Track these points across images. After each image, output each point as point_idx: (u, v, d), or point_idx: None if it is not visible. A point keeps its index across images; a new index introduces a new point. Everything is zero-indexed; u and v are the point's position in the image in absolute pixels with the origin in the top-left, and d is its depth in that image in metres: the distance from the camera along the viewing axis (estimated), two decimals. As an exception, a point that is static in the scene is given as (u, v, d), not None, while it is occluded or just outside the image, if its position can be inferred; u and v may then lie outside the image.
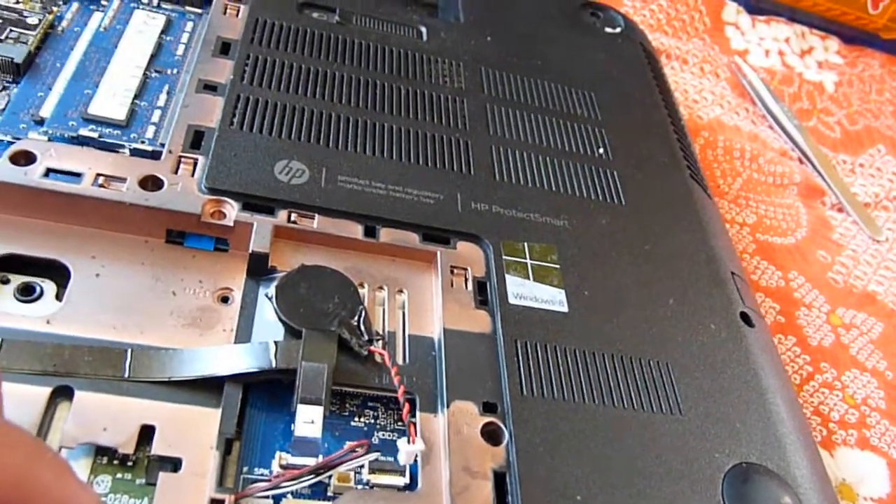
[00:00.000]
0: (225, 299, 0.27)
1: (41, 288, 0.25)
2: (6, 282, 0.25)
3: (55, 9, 0.34)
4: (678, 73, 0.52)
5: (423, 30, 0.39)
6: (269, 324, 0.26)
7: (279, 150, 0.30)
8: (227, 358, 0.24)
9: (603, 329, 0.29)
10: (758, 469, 0.27)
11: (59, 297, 0.26)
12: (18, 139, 0.28)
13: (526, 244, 0.30)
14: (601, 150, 0.36)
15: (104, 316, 0.25)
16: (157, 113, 0.31)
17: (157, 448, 0.23)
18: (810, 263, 0.43)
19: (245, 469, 0.23)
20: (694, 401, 0.28)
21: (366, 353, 0.25)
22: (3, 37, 0.31)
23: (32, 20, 0.32)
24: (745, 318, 0.32)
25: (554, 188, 0.33)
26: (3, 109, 0.29)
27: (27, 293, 0.25)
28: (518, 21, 0.42)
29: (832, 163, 0.50)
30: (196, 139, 0.29)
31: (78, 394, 0.23)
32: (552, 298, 0.29)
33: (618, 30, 0.45)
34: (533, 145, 0.35)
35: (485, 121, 0.35)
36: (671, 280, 0.32)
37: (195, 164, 0.28)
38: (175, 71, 0.33)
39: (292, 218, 0.28)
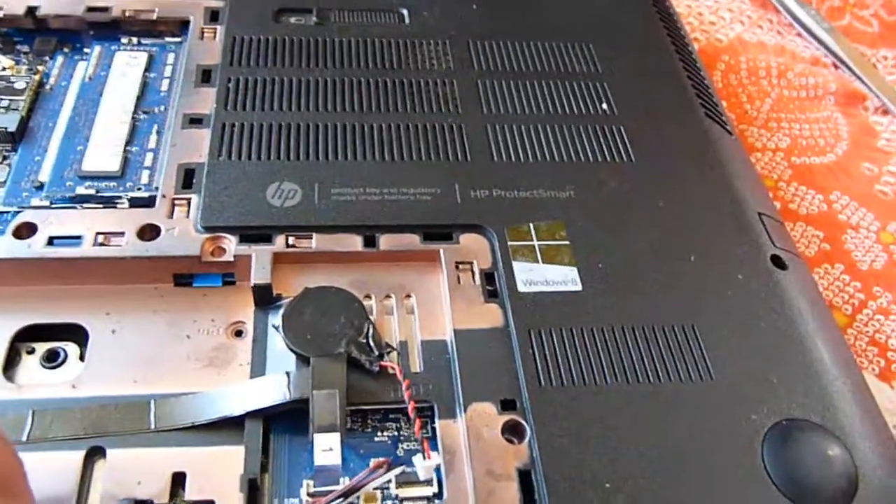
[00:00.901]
0: (239, 333, 0.27)
1: (64, 352, 0.27)
2: (31, 351, 0.26)
3: (41, 67, 0.34)
4: (690, -6, 0.49)
5: (405, 12, 0.38)
6: (281, 353, 0.26)
7: (269, 174, 0.30)
8: (243, 395, 0.25)
9: (620, 302, 0.28)
10: (800, 425, 0.26)
11: (82, 356, 0.27)
12: (23, 208, 0.29)
13: (531, 225, 0.30)
14: (604, 106, 0.35)
15: (125, 371, 0.26)
16: (150, 156, 0.31)
17: (190, 493, 0.24)
18: (854, 179, 0.40)
19: (275, 501, 0.24)
20: (725, 362, 0.27)
21: (377, 369, 0.26)
22: (-6, 107, 0.32)
23: (20, 84, 0.33)
24: (776, 261, 0.30)
25: (556, 158, 0.32)
26: (5, 181, 0.30)
27: (52, 359, 0.26)
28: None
29: (871, 62, 0.47)
30: (187, 178, 0.30)
31: (110, 452, 0.24)
32: (564, 278, 0.28)
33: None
34: (530, 116, 0.34)
35: (477, 100, 0.34)
36: (691, 234, 0.30)
37: (189, 205, 0.29)
38: (162, 108, 0.33)
39: (290, 242, 0.28)
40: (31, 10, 0.35)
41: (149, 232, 0.28)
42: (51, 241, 0.27)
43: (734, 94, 0.43)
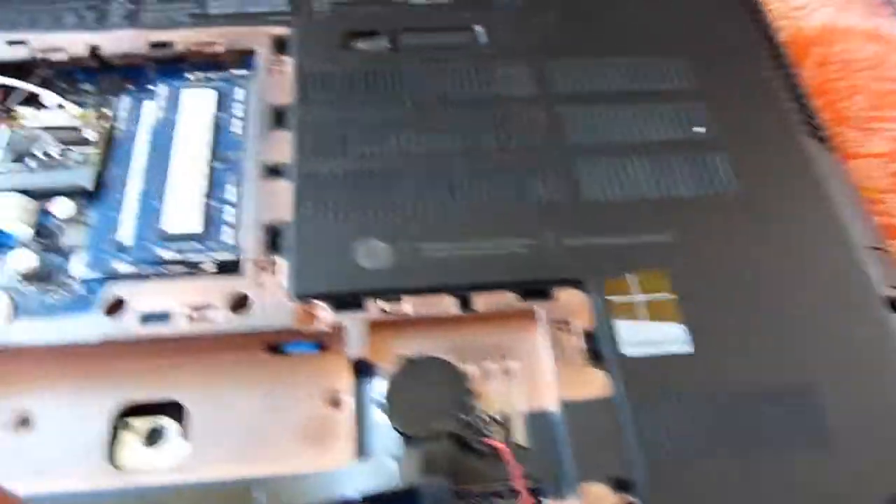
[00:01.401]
0: (336, 402, 0.27)
1: (165, 430, 0.26)
2: (131, 429, 0.26)
3: (108, 112, 0.33)
4: (773, -24, 0.45)
5: (479, 29, 0.36)
6: (385, 428, 0.26)
7: (356, 229, 0.29)
8: (351, 479, 0.24)
9: (734, 363, 0.26)
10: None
11: (181, 430, 0.26)
12: (108, 275, 0.29)
13: (633, 276, 0.28)
14: (700, 129, 0.32)
15: (227, 450, 0.26)
16: (231, 211, 0.30)
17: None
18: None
19: (391, 588, 0.24)
20: (840, 429, 0.25)
21: (484, 448, 0.25)
22: (67, 162, 0.31)
23: (92, 135, 0.32)
24: (892, 304, 0.29)
25: (653, 194, 0.30)
26: (87, 244, 0.30)
27: (153, 439, 0.26)
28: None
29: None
30: (273, 237, 0.29)
31: (221, 540, 0.24)
32: (673, 338, 0.27)
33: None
34: (621, 145, 0.32)
35: (562, 129, 0.32)
36: (800, 278, 0.29)
37: (278, 269, 0.28)
38: (238, 153, 0.32)
39: (383, 307, 0.27)
40: (94, 50, 0.34)
41: (239, 303, 0.27)
42: (143, 318, 0.27)
43: (826, 91, 0.40)
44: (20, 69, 0.34)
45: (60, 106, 0.33)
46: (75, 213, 0.30)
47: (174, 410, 0.27)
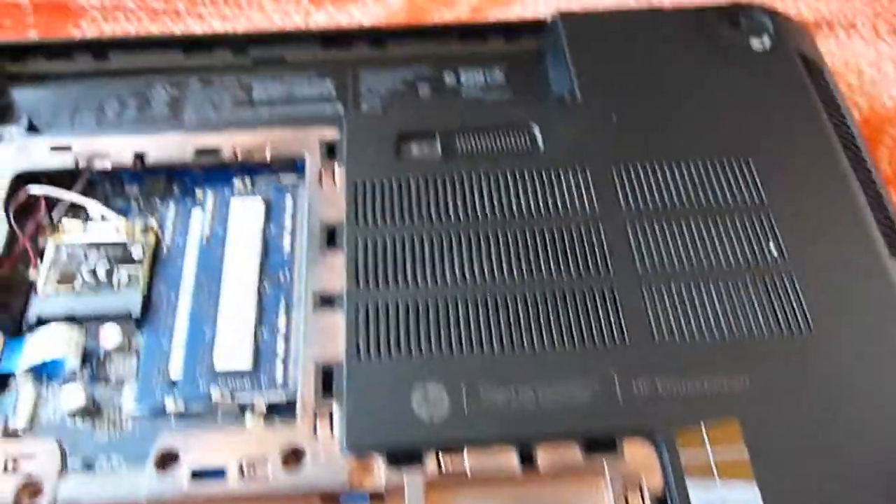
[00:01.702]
0: (392, 558, 0.26)
1: (217, 589, 0.26)
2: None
3: (153, 223, 0.32)
4: (845, 45, 0.43)
5: (537, 131, 0.34)
6: None
7: (412, 373, 0.27)
8: None
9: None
10: None
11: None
12: (156, 412, 0.28)
13: (703, 428, 0.27)
14: (772, 248, 0.30)
15: None
16: (282, 343, 0.29)
17: None
18: None
19: None
20: None
21: None
22: (114, 282, 0.31)
23: (137, 252, 0.31)
24: None
25: (724, 333, 0.28)
26: (136, 374, 0.29)
27: None
28: (644, 74, 0.36)
29: None
30: (325, 379, 0.28)
31: None
32: (746, 500, 0.25)
33: (766, 40, 0.37)
34: (689, 271, 0.30)
35: (627, 250, 0.30)
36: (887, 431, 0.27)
37: (331, 417, 0.27)
38: (287, 274, 0.31)
39: (442, 462, 0.26)
40: (140, 157, 0.33)
41: (293, 458, 0.26)
42: (194, 475, 0.26)
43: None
44: (64, 174, 0.33)
45: (104, 217, 0.32)
46: (123, 341, 0.30)
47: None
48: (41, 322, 0.30)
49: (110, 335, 0.29)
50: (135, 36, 0.39)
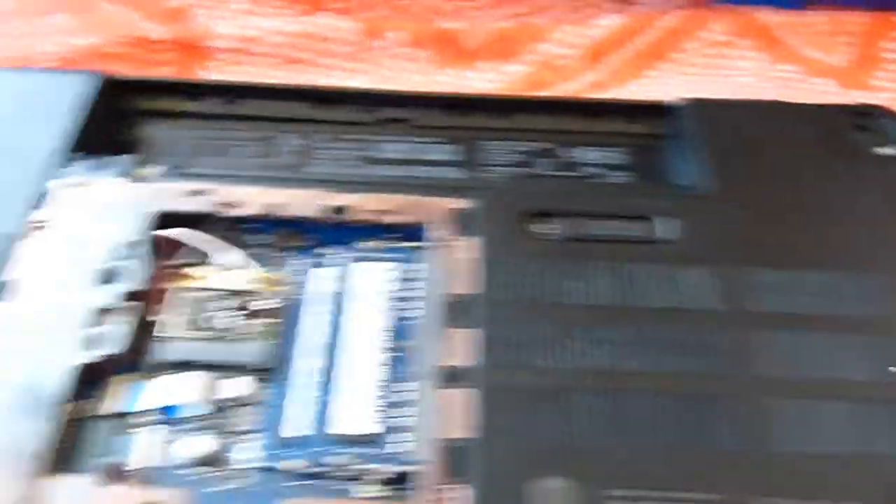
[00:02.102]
0: None
1: None
2: None
3: (280, 275, 0.33)
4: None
5: (662, 220, 0.34)
6: None
7: (538, 461, 0.27)
8: None
9: None
10: None
11: None
12: (273, 468, 0.28)
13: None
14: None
15: None
16: (403, 414, 0.29)
17: None
18: None
19: None
20: None
21: None
22: (241, 332, 0.31)
23: (266, 302, 0.32)
24: None
25: (849, 452, 0.28)
26: (261, 428, 0.29)
27: None
28: (775, 170, 0.36)
29: None
30: (448, 457, 0.27)
31: None
32: None
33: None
34: (815, 383, 0.29)
35: (750, 356, 0.30)
36: None
37: (451, 496, 0.27)
38: (410, 343, 0.31)
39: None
40: (271, 209, 0.33)
41: (416, 538, 0.26)
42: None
43: None
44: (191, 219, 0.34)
45: (232, 266, 0.33)
46: (249, 393, 0.30)
47: None
48: (166, 365, 0.30)
49: (237, 386, 0.30)
50: (265, 84, 0.40)
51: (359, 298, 0.32)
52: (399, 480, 0.28)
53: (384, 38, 0.44)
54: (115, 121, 0.39)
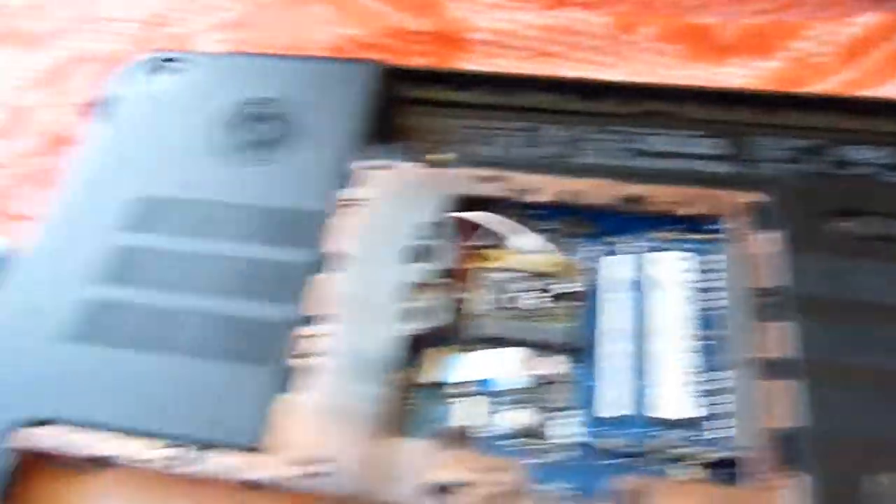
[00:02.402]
0: None
1: None
2: None
3: (575, 262, 0.34)
4: None
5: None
6: None
7: (882, 459, 0.27)
8: None
9: None
10: None
11: None
12: (588, 445, 0.29)
13: None
14: None
15: None
16: (720, 401, 0.30)
17: None
18: None
19: None
20: None
21: None
22: (545, 312, 0.32)
23: (567, 285, 0.33)
24: None
25: None
26: (572, 406, 0.30)
27: None
28: None
29: None
30: (787, 449, 0.28)
31: None
32: None
33: None
34: None
35: None
36: None
37: (786, 487, 0.27)
38: (714, 333, 0.31)
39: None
40: (565, 196, 0.35)
41: (757, 521, 0.27)
42: (658, 520, 0.27)
43: None
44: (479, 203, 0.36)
45: (529, 250, 0.34)
46: (560, 371, 0.31)
47: None
48: (476, 341, 0.32)
49: (551, 363, 0.31)
50: (531, 75, 0.41)
51: (660, 287, 0.33)
52: (720, 465, 0.29)
53: (636, 32, 0.44)
54: (392, 108, 0.41)
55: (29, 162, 0.44)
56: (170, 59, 0.43)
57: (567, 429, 0.30)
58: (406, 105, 0.41)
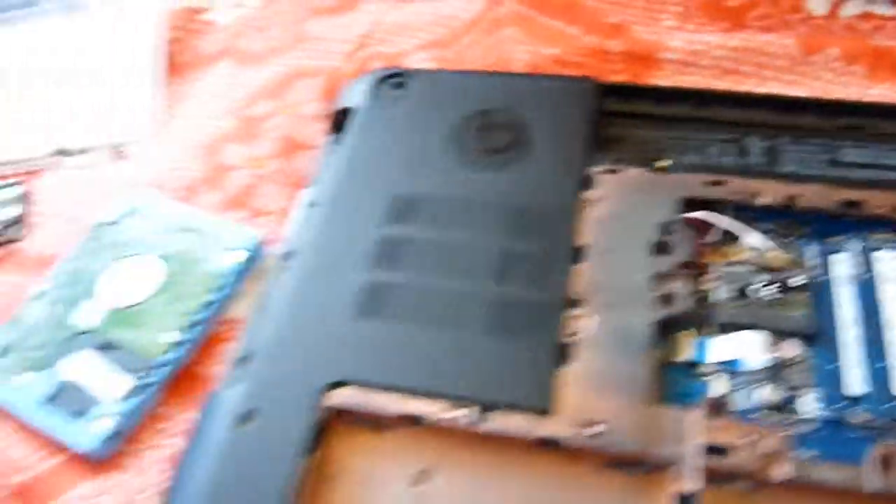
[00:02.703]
0: None
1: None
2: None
3: (799, 258, 0.38)
4: None
5: None
6: None
7: None
8: None
9: None
10: None
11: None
12: (835, 419, 0.33)
13: None
14: None
15: None
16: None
17: None
18: None
19: None
20: None
21: None
22: (778, 302, 0.36)
23: (795, 279, 0.37)
24: None
25: None
26: (814, 384, 0.34)
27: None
28: None
29: None
30: None
31: None
32: None
33: None
34: None
35: None
36: None
37: None
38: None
39: None
40: (789, 200, 0.38)
41: None
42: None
43: None
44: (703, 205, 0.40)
45: (757, 247, 0.38)
46: (800, 354, 0.35)
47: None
48: (718, 326, 0.36)
49: (790, 347, 0.35)
50: (732, 91, 0.45)
51: (889, 281, 0.36)
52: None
53: (819, 53, 0.48)
54: (604, 120, 0.45)
55: (267, 163, 0.49)
56: (396, 75, 0.48)
57: (811, 405, 0.33)
58: (616, 117, 0.46)
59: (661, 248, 0.37)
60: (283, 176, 0.49)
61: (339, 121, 0.47)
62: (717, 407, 0.34)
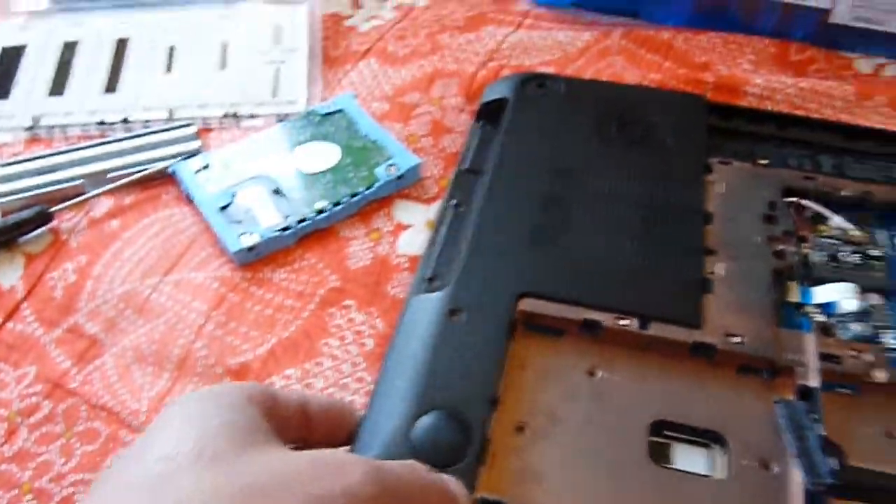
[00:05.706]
0: None
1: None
2: None
3: (876, 243, 0.48)
4: None
5: None
6: None
7: None
8: None
9: None
10: None
11: None
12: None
13: None
14: None
15: None
16: None
17: None
18: None
19: None
20: None
21: None
22: (861, 264, 0.46)
23: (875, 251, 0.47)
24: None
25: None
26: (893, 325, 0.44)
27: None
28: None
29: None
30: None
31: None
32: None
33: None
34: None
35: None
36: None
37: None
38: None
39: None
40: (866, 196, 0.49)
41: None
42: None
43: None
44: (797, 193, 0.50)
45: (842, 229, 0.49)
46: (880, 302, 0.45)
47: None
48: (817, 280, 0.46)
49: (872, 297, 0.45)
50: (811, 117, 0.57)
51: (948, 263, 0.47)
52: None
53: (871, 99, 0.60)
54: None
55: (421, 140, 0.58)
56: (537, 77, 0.58)
57: (892, 342, 0.43)
58: (715, 130, 0.57)
59: (769, 219, 0.48)
60: (435, 150, 0.58)
61: (486, 111, 0.57)
62: (825, 330, 0.43)
